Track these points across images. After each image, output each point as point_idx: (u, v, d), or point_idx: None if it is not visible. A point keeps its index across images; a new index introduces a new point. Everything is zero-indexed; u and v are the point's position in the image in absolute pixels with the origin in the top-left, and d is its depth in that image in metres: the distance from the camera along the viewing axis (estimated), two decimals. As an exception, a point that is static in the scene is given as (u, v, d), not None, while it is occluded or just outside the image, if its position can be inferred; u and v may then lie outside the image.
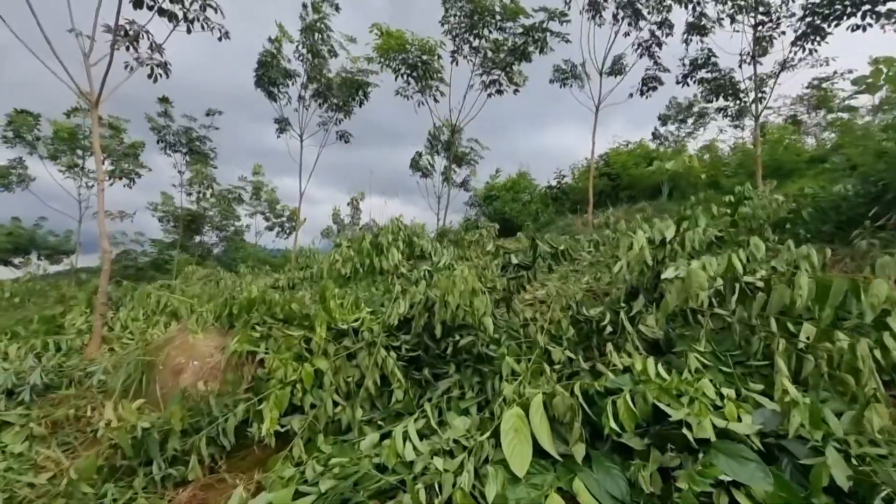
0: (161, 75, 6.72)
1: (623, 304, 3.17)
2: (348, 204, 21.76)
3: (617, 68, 12.01)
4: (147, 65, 6.20)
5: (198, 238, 21.32)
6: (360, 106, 12.76)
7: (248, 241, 22.33)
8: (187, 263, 15.42)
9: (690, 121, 27.08)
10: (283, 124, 12.76)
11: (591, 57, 11.67)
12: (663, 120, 26.06)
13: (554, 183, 16.95)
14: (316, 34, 11.55)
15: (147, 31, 5.47)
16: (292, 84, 12.29)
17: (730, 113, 12.41)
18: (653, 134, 24.47)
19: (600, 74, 11.80)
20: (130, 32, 5.33)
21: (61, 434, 3.12)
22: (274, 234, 21.88)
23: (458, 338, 2.89)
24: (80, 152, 13.04)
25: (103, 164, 14.79)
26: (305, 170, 13.06)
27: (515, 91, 11.89)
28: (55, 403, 3.50)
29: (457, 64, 10.75)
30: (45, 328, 5.72)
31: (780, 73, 10.51)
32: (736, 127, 15.05)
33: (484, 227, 10.63)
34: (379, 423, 2.57)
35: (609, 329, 3.13)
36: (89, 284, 11.51)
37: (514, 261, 3.63)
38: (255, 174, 18.22)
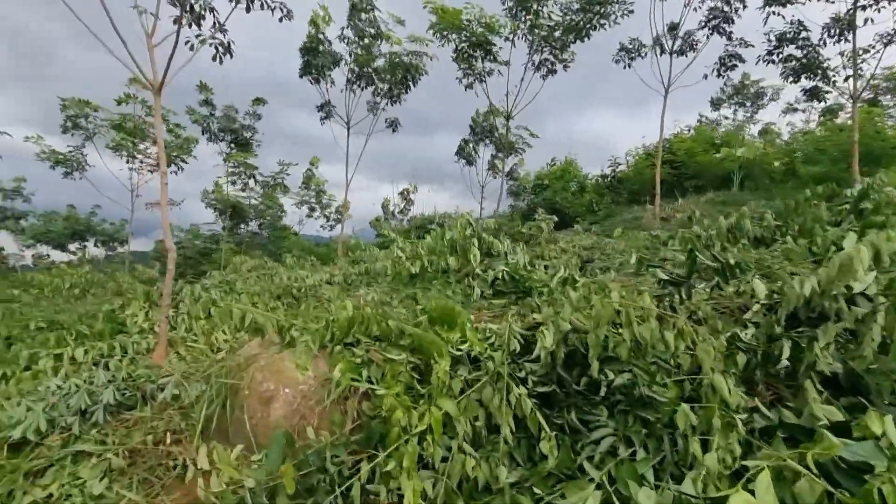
0: (224, 56, 6.34)
1: (791, 328, 2.53)
2: (399, 194, 21.43)
3: (688, 45, 10.97)
4: (210, 44, 5.82)
5: (242, 227, 21.52)
6: (407, 91, 12.22)
7: (290, 229, 22.39)
8: (234, 253, 15.44)
9: (748, 104, 25.19)
10: (327, 110, 12.38)
11: (662, 33, 10.67)
12: (716, 103, 24.34)
13: (607, 171, 16.03)
14: (363, 15, 11.02)
15: (212, 8, 5.05)
16: (337, 68, 11.85)
17: (819, 95, 11.15)
18: (700, 119, 22.86)
19: (670, 53, 10.81)
20: (196, 8, 4.93)
21: (141, 466, 2.77)
22: (317, 224, 21.87)
23: (611, 375, 2.32)
24: (131, 141, 13.08)
25: (154, 154, 14.95)
26: (350, 158, 12.69)
27: (565, 67, 11.00)
28: (130, 425, 3.17)
29: (513, 45, 10.01)
30: (109, 327, 5.51)
31: (887, 45, 9.26)
32: (828, 111, 13.65)
33: (542, 219, 9.97)
34: (529, 486, 2.05)
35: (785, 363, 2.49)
36: (144, 276, 11.60)
37: (663, 275, 3.01)
38: (312, 165, 18.08)
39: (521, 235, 9.77)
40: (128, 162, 13.96)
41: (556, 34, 9.44)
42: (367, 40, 11.40)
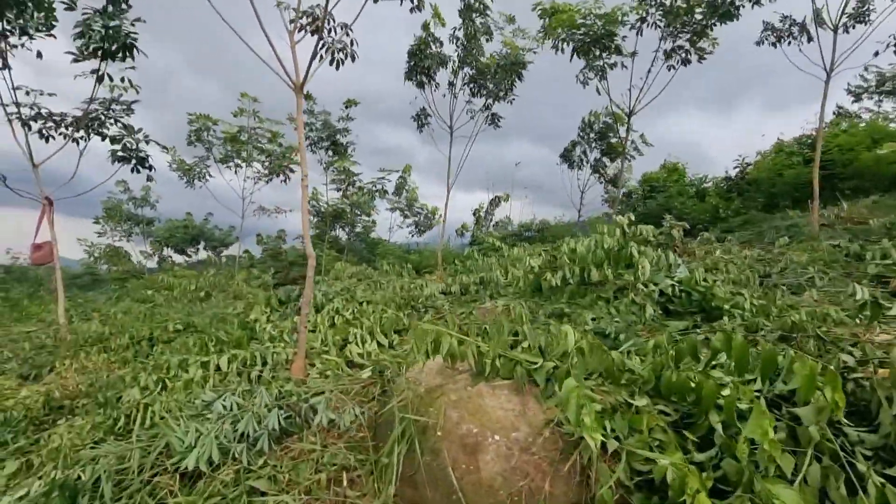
0: (343, 61, 6.15)
1: None
2: (491, 202, 20.97)
3: (857, 18, 9.22)
4: (337, 48, 5.63)
5: (334, 233, 22.20)
6: (512, 90, 11.62)
7: (380, 236, 22.72)
8: (336, 260, 15.75)
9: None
10: (423, 118, 12.14)
11: (821, 5, 9.04)
12: (856, 94, 21.01)
13: (732, 174, 14.21)
14: (475, 14, 10.62)
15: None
16: (442, 71, 11.56)
17: None
18: (836, 112, 19.71)
19: (834, 29, 9.14)
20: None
21: (319, 513, 2.33)
22: (406, 231, 21.97)
23: None
24: (244, 153, 13.79)
25: (263, 164, 15.77)
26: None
27: (701, 58, 9.68)
28: (295, 455, 2.78)
29: (641, 34, 8.97)
30: (244, 334, 5.41)
31: None
32: None
33: (672, 225, 8.79)
34: None
35: None
36: (259, 281, 12.05)
37: None
38: (405, 172, 18.20)
39: (648, 244, 8.69)
40: (235, 172, 14.72)
41: (697, 16, 8.28)
42: (472, 43, 11.00)
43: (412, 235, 22.00)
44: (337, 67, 6.20)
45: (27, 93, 5.88)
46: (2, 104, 5.76)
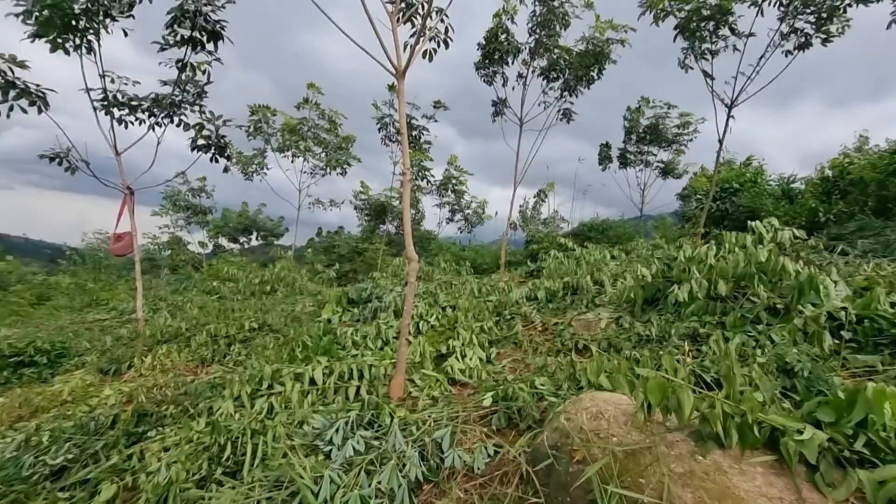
0: (436, 49, 5.64)
1: None
2: (535, 196, 20.19)
3: None
4: (434, 37, 5.12)
5: (384, 227, 21.94)
6: (592, 82, 10.78)
7: (428, 230, 22.29)
8: (388, 255, 15.43)
9: None
10: (500, 107, 11.47)
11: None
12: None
13: (829, 173, 12.77)
14: (553, 1, 9.85)
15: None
16: (514, 61, 10.86)
17: None
18: None
19: None
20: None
21: None
22: (455, 226, 21.45)
23: None
24: (301, 145, 13.57)
25: (318, 157, 15.58)
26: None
27: (825, 42, 8.48)
28: (443, 515, 2.26)
29: (762, 13, 7.92)
30: (327, 340, 4.99)
31: None
32: None
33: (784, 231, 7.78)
34: None
35: None
36: (321, 275, 11.82)
37: None
38: (450, 164, 17.56)
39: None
40: (292, 161, 14.54)
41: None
42: (548, 31, 10.24)
43: (461, 231, 21.46)
44: (431, 58, 5.70)
45: (112, 80, 5.65)
46: (87, 91, 5.55)
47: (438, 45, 5.68)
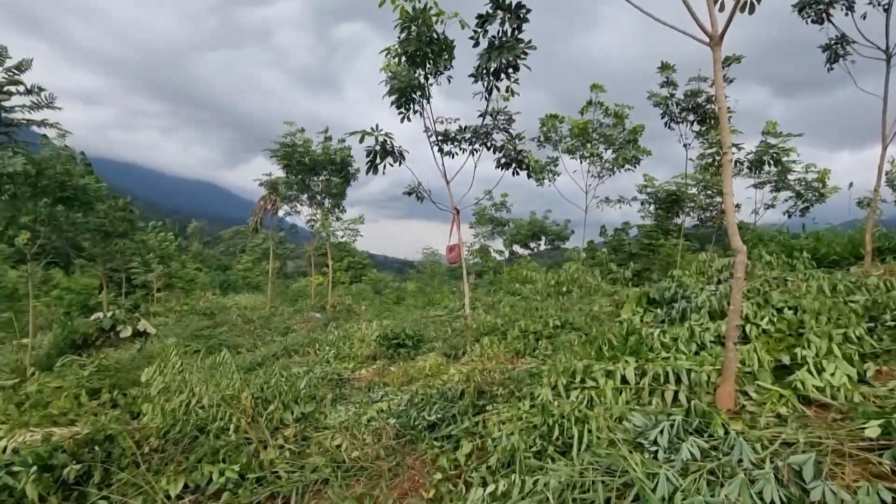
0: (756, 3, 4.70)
1: None
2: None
3: None
4: None
5: (677, 220, 19.69)
6: None
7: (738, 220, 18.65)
8: (686, 250, 13.80)
9: None
10: (842, 46, 8.57)
11: None
12: None
13: None
14: None
15: None
16: None
17: None
18: None
19: None
20: None
21: None
22: (778, 212, 17.28)
23: None
24: (588, 147, 13.68)
25: (603, 156, 15.40)
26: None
27: None
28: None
29: None
30: (637, 340, 4.85)
31: None
32: None
33: None
34: None
35: None
36: (613, 274, 11.74)
37: None
38: (768, 133, 14.23)
39: None
40: (580, 162, 14.70)
41: None
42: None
43: (788, 215, 16.99)
44: (752, 9, 4.84)
45: (441, 121, 7.23)
46: (426, 132, 7.26)
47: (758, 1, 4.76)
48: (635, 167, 12.87)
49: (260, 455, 3.98)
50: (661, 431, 2.79)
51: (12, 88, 6.90)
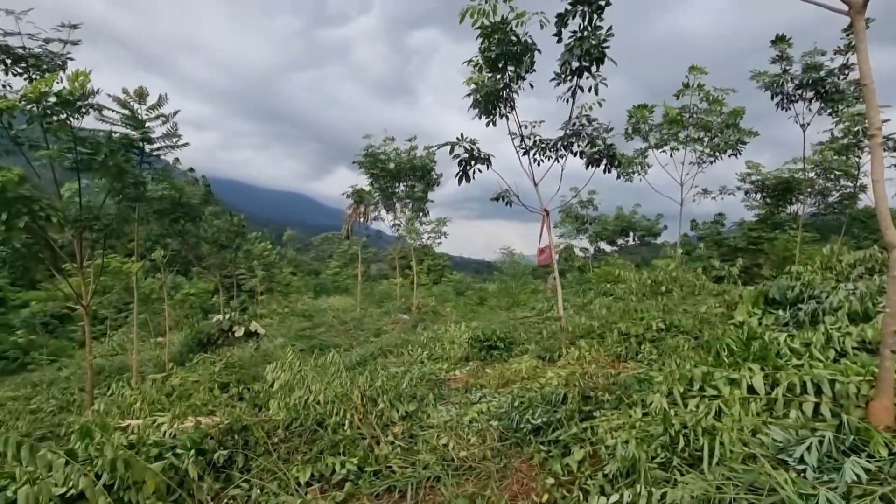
0: None
1: None
2: None
3: None
4: None
5: (787, 211, 17.58)
6: None
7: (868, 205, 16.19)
8: (805, 242, 12.30)
9: None
10: None
11: None
12: None
13: None
14: None
15: None
16: None
17: None
18: None
19: None
20: None
21: None
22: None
23: None
24: (682, 135, 12.75)
25: (703, 143, 14.24)
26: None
27: None
28: None
29: None
30: (762, 345, 4.42)
31: None
32: None
33: None
34: None
35: None
36: (716, 272, 10.78)
37: None
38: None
39: None
40: (671, 155, 13.73)
41: None
42: None
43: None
44: None
45: (524, 126, 7.17)
46: (511, 137, 7.24)
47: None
48: (739, 153, 11.71)
49: (374, 450, 4.23)
50: (809, 448, 2.53)
51: (157, 123, 8.01)
